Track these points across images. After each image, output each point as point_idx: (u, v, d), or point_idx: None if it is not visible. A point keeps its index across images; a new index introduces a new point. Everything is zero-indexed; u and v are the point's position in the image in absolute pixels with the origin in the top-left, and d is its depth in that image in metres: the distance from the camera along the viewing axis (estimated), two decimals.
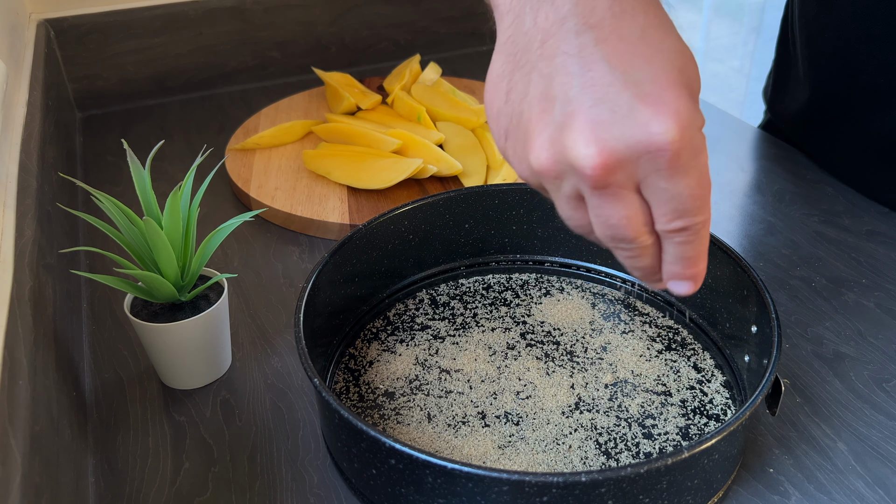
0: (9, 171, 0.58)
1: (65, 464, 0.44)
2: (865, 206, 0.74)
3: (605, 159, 0.34)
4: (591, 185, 0.35)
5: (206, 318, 0.52)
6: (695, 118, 0.34)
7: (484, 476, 0.38)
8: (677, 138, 0.33)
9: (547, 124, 0.35)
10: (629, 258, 0.39)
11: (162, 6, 0.94)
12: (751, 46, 2.35)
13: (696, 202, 0.35)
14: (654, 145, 0.33)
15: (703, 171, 0.35)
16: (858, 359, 0.57)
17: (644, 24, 0.35)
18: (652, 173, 0.34)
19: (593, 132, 0.34)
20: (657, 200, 0.36)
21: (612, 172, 0.34)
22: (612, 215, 0.36)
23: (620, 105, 0.34)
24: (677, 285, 0.40)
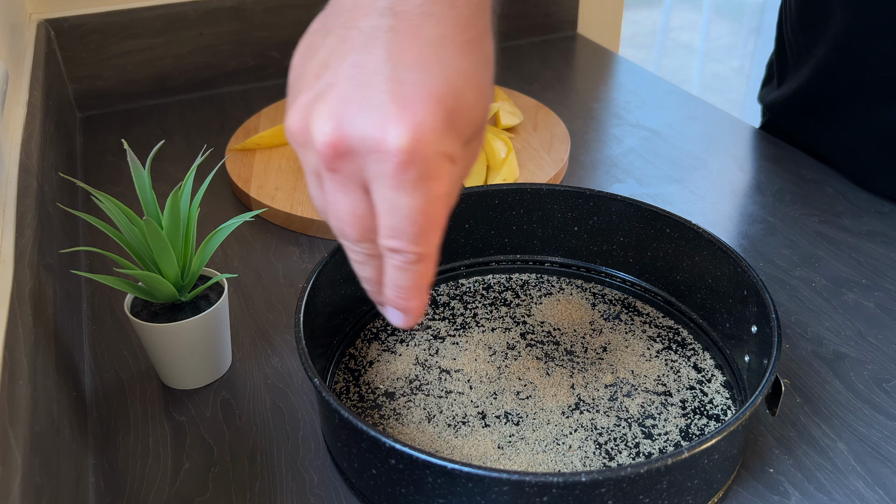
0: (9, 171, 0.58)
1: (65, 464, 0.44)
2: (865, 206, 0.74)
3: (335, 140, 0.33)
4: (323, 162, 0.34)
5: (207, 318, 0.52)
6: (439, 140, 0.33)
7: (484, 476, 0.38)
8: (407, 149, 0.32)
9: (311, 90, 0.35)
10: (356, 263, 0.38)
11: (162, 6, 0.94)
12: (751, 46, 2.35)
13: (416, 228, 0.34)
14: (383, 146, 0.33)
15: (433, 201, 0.34)
16: (858, 359, 0.57)
17: (444, 35, 0.34)
18: (379, 177, 0.34)
19: (337, 111, 0.33)
20: (380, 210, 0.35)
21: (341, 157, 0.34)
22: (339, 207, 0.36)
23: (374, 96, 0.33)
24: (392, 314, 0.39)
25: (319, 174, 0.36)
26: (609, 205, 0.60)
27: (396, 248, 0.36)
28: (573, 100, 0.98)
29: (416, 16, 0.34)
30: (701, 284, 0.56)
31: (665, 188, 0.78)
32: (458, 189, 0.37)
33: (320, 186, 0.36)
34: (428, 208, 0.34)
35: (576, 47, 1.15)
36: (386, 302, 0.39)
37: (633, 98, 0.98)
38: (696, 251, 0.56)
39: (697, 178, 0.80)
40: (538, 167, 0.78)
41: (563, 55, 1.12)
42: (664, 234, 0.58)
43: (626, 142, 0.87)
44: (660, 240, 0.58)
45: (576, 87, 1.01)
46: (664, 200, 0.76)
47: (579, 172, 0.81)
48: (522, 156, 0.80)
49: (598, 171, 0.82)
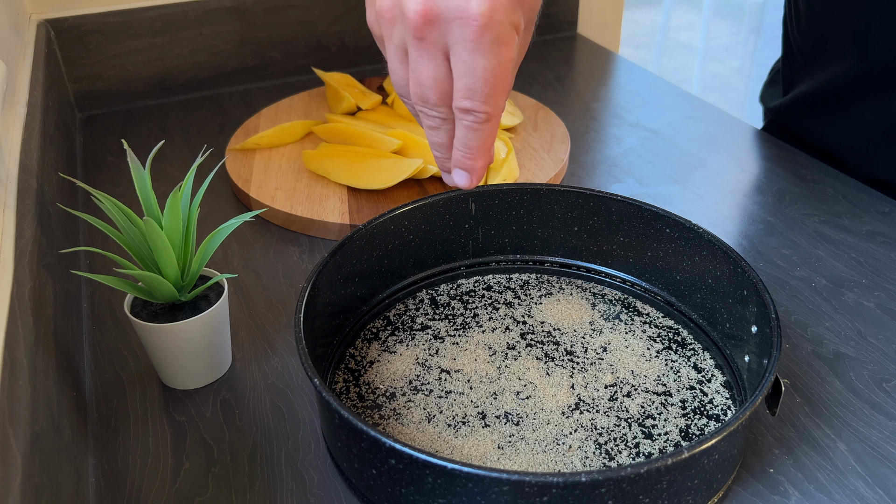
0: (9, 171, 0.58)
1: (65, 464, 0.44)
2: (865, 206, 0.74)
3: (426, 8, 0.40)
4: (412, 32, 0.41)
5: (207, 318, 0.52)
6: (510, 11, 0.40)
7: (484, 476, 0.38)
8: (486, 14, 0.39)
9: None
10: (431, 129, 0.45)
11: (162, 6, 0.94)
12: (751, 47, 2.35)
13: (487, 88, 0.41)
14: (466, 13, 0.39)
15: (502, 63, 0.41)
16: (858, 359, 0.57)
17: None
18: (459, 41, 0.40)
19: None
20: (457, 73, 0.41)
21: (430, 24, 0.40)
22: (423, 72, 0.42)
23: None
24: (458, 175, 0.46)
25: (405, 46, 0.42)
26: (609, 205, 0.60)
27: (469, 108, 0.42)
28: (573, 100, 0.98)
29: None
30: (701, 284, 0.56)
31: (665, 188, 0.78)
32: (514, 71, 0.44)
33: (404, 60, 0.43)
34: (498, 69, 0.41)
35: (576, 47, 1.15)
36: (454, 163, 0.46)
37: (633, 98, 0.98)
38: (696, 251, 0.56)
39: (697, 178, 0.80)
40: (538, 167, 0.78)
41: (563, 55, 1.12)
42: (664, 234, 0.58)
43: (626, 142, 0.87)
44: (660, 240, 0.58)
45: (576, 87, 1.02)
46: (664, 200, 0.76)
47: (579, 172, 0.81)
48: (522, 156, 0.80)
49: (598, 171, 0.82)
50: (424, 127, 0.45)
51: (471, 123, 0.43)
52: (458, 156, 0.45)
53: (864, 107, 0.74)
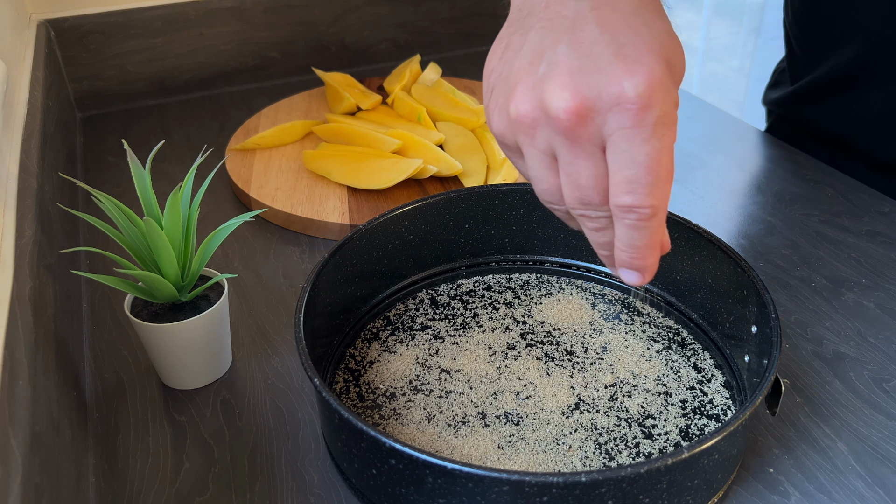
0: (9, 171, 0.58)
1: (65, 464, 0.44)
2: (865, 206, 0.74)
3: (577, 104, 0.36)
4: (563, 133, 0.37)
5: (207, 318, 0.52)
6: (668, 86, 0.36)
7: (484, 476, 0.38)
8: (645, 94, 0.35)
9: (531, 75, 0.37)
10: (595, 230, 0.40)
11: (162, 6, 0.94)
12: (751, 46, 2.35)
13: (651, 177, 0.36)
14: (623, 97, 0.35)
15: (666, 147, 0.36)
16: (858, 359, 0.57)
17: (639, 4, 0.38)
18: (617, 131, 0.36)
19: (571, 80, 0.36)
20: (615, 166, 0.37)
21: (584, 120, 0.36)
22: (581, 173, 0.38)
23: (601, 60, 0.36)
24: (627, 274, 0.41)
25: (552, 151, 0.38)
26: None
27: (631, 205, 0.37)
28: None
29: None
30: (701, 284, 0.56)
31: None
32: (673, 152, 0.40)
33: (552, 167, 0.39)
34: (663, 154, 0.36)
35: None
36: (619, 263, 0.40)
37: None
38: (696, 251, 0.56)
39: (697, 178, 0.80)
40: None
41: None
42: None
43: None
44: None
45: None
46: None
47: None
48: None
49: None
50: (587, 231, 0.41)
51: (634, 221, 0.38)
52: (623, 257, 0.40)
53: (871, 90, 0.74)
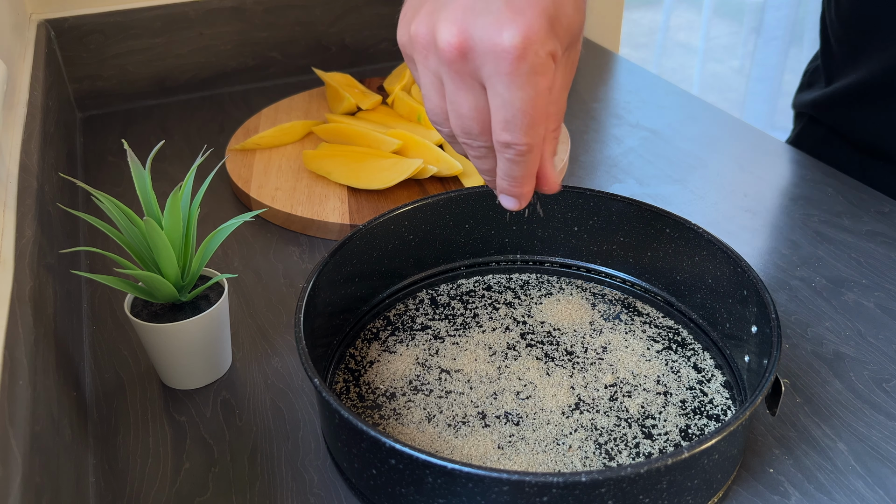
0: (9, 171, 0.58)
1: (65, 464, 0.44)
2: (865, 206, 0.74)
3: (460, 41, 0.39)
4: (446, 64, 0.40)
5: (207, 318, 0.52)
6: (544, 40, 0.39)
7: (484, 476, 0.38)
8: (519, 47, 0.38)
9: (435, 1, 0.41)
10: (477, 158, 0.44)
11: (162, 6, 0.94)
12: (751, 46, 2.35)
13: (526, 120, 0.40)
14: (499, 46, 0.38)
15: (539, 93, 0.40)
16: (858, 359, 0.57)
17: None
18: (494, 75, 0.39)
19: (462, 17, 0.39)
20: (494, 106, 0.40)
21: (463, 57, 0.39)
22: (462, 103, 0.41)
23: (492, 3, 0.39)
24: (505, 199, 0.45)
25: (440, 77, 0.41)
26: (609, 205, 0.60)
27: (509, 142, 0.41)
28: (573, 100, 0.98)
29: None
30: (701, 284, 0.56)
31: (665, 188, 0.78)
32: (562, 98, 0.43)
33: (440, 91, 0.42)
34: (536, 100, 0.40)
35: None
36: (500, 190, 0.45)
37: (633, 98, 0.98)
38: (696, 251, 0.56)
39: (697, 178, 0.80)
40: None
41: None
42: (664, 234, 0.58)
43: (626, 142, 0.87)
44: (660, 240, 0.58)
45: (576, 87, 1.01)
46: (664, 200, 0.76)
47: (579, 172, 0.81)
48: None
49: (598, 171, 0.82)
50: (469, 156, 0.45)
51: (512, 156, 0.42)
52: (502, 185, 0.44)
53: None
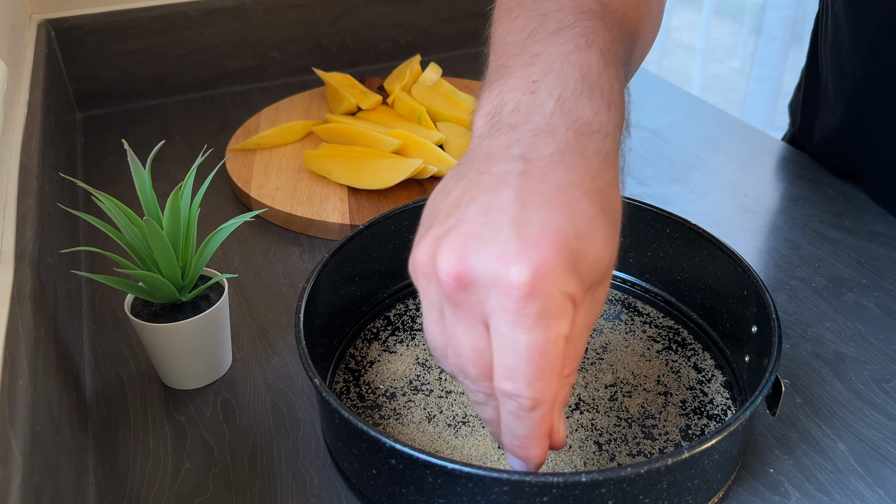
0: (9, 171, 0.58)
1: (65, 464, 0.44)
2: (865, 207, 0.74)
3: (459, 272, 0.34)
4: (445, 294, 0.35)
5: (207, 318, 0.52)
6: (562, 279, 0.33)
7: (484, 476, 0.38)
8: (529, 283, 0.32)
9: (442, 226, 0.36)
10: (477, 404, 0.38)
11: (162, 6, 0.94)
12: (751, 47, 2.35)
13: (532, 369, 0.34)
14: (505, 280, 0.33)
15: (552, 340, 0.33)
16: (859, 359, 0.57)
17: (573, 181, 0.35)
18: (498, 311, 0.33)
19: (464, 245, 0.34)
20: (497, 347, 0.34)
21: (464, 288, 0.34)
22: (461, 341, 0.35)
23: (501, 232, 0.34)
24: (513, 460, 0.38)
25: (441, 308, 0.36)
26: None
27: (511, 392, 0.34)
28: None
29: (546, 163, 0.35)
30: (701, 284, 0.56)
31: (665, 188, 0.78)
32: (582, 341, 0.37)
33: (440, 321, 0.36)
34: (546, 347, 0.33)
35: None
36: (505, 447, 0.38)
37: (633, 98, 0.98)
38: (696, 251, 0.56)
39: (697, 178, 0.80)
40: None
41: None
42: (664, 235, 0.58)
43: (626, 142, 0.87)
44: (660, 240, 0.58)
45: None
46: (664, 200, 0.76)
47: None
48: None
49: None
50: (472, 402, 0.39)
51: (514, 409, 0.35)
52: (506, 441, 0.37)
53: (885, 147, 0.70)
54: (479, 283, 0.34)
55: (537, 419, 0.35)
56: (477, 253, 0.34)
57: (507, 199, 0.34)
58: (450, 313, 0.35)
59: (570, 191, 0.35)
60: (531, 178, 0.35)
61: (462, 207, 0.35)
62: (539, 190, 0.35)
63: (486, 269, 0.33)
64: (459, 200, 0.36)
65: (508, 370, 0.34)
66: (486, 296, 0.34)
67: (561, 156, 0.36)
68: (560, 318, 0.33)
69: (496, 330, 0.34)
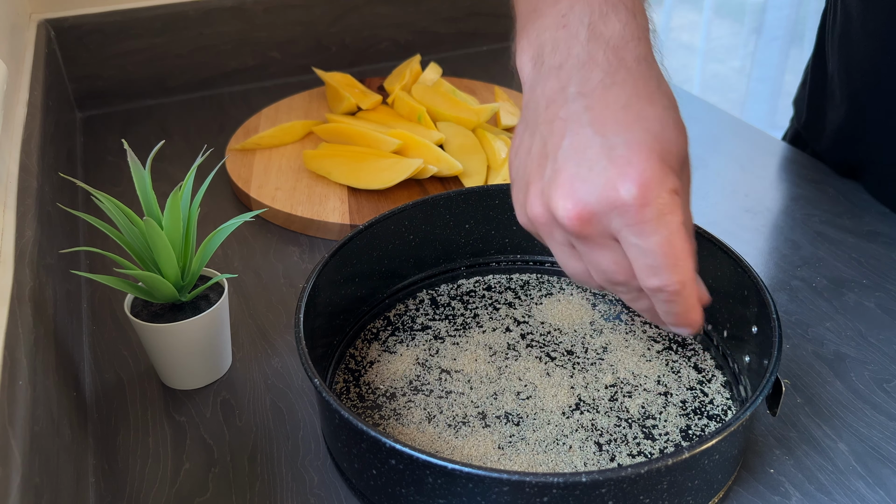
0: (9, 171, 0.58)
1: (65, 464, 0.44)
2: (866, 207, 0.74)
3: (579, 211, 0.39)
4: (573, 234, 0.40)
5: (207, 318, 0.52)
6: (662, 178, 0.38)
7: (484, 476, 0.38)
8: (640, 195, 0.38)
9: (540, 178, 0.41)
10: (631, 301, 0.44)
11: (162, 6, 0.94)
12: (751, 47, 2.34)
13: (668, 260, 0.39)
14: (619, 201, 0.38)
15: (674, 232, 0.39)
16: (859, 359, 0.57)
17: (630, 95, 0.40)
18: (623, 228, 0.39)
19: (571, 187, 0.39)
20: (633, 256, 0.40)
21: (588, 224, 0.39)
22: (601, 261, 0.41)
23: (596, 165, 0.39)
24: (678, 329, 0.44)
25: (571, 244, 0.42)
26: None
27: (658, 286, 0.40)
28: None
29: (601, 90, 0.40)
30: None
31: None
32: (690, 213, 0.42)
33: (574, 255, 0.42)
34: (672, 238, 0.39)
35: None
36: (670, 325, 0.44)
37: None
38: (697, 251, 0.56)
39: (698, 178, 0.80)
40: None
41: None
42: None
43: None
44: None
45: None
46: None
47: None
48: None
49: None
50: (626, 301, 0.45)
51: (667, 297, 0.41)
52: (669, 320, 0.43)
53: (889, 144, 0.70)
54: (599, 213, 0.39)
55: (687, 295, 0.41)
56: (586, 190, 0.38)
57: (587, 136, 0.39)
58: (582, 246, 0.41)
59: (632, 104, 0.40)
60: (596, 110, 0.40)
61: (551, 158, 0.40)
62: (608, 116, 0.39)
63: (599, 200, 0.38)
64: (545, 152, 0.41)
65: (649, 269, 0.39)
66: (609, 220, 0.39)
67: (611, 77, 0.40)
68: (673, 211, 0.39)
69: (627, 242, 0.39)
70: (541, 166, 0.41)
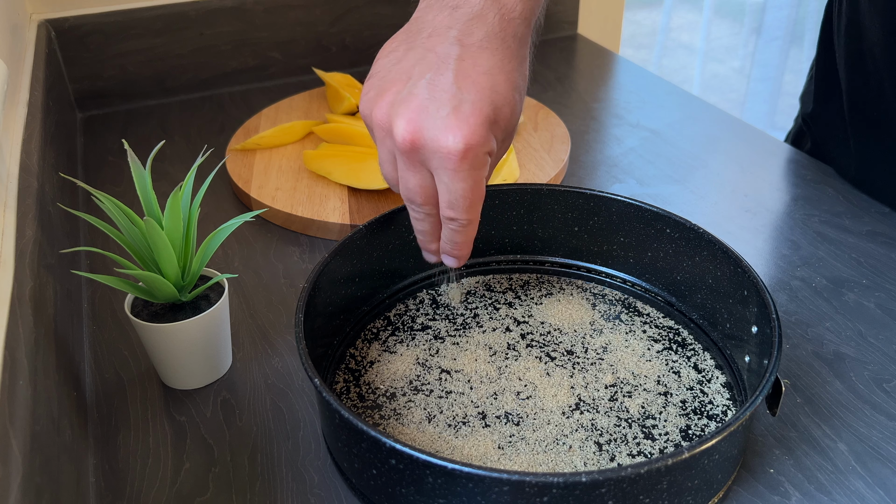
0: (10, 171, 0.58)
1: (65, 464, 0.44)
2: (866, 207, 0.74)
3: (412, 138, 0.46)
4: (399, 150, 0.47)
5: (207, 318, 0.52)
6: (484, 143, 0.46)
7: (484, 476, 0.38)
8: (462, 151, 0.45)
9: (396, 92, 0.47)
10: (415, 220, 0.51)
11: (162, 6, 0.94)
12: (751, 47, 2.34)
13: (466, 203, 0.48)
14: (445, 148, 0.45)
15: (478, 182, 0.47)
16: (859, 359, 0.57)
17: (494, 65, 0.47)
18: (440, 168, 0.46)
19: (416, 115, 0.46)
20: (440, 190, 0.48)
21: (414, 150, 0.46)
22: (410, 179, 0.48)
23: (442, 108, 0.45)
24: (447, 258, 0.53)
25: (394, 155, 0.48)
26: (609, 205, 0.59)
27: (453, 217, 0.49)
28: (573, 100, 0.98)
29: (476, 48, 0.47)
30: (701, 285, 0.56)
31: (665, 188, 0.78)
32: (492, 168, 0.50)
33: (393, 163, 0.49)
34: (474, 188, 0.47)
35: (576, 47, 1.15)
36: (443, 251, 0.53)
37: (633, 98, 0.98)
38: (697, 251, 0.56)
39: (697, 178, 0.80)
40: (538, 167, 0.78)
41: (564, 55, 1.12)
42: (664, 234, 0.58)
43: (626, 142, 0.87)
44: (660, 240, 0.58)
45: (576, 88, 1.02)
46: (664, 200, 0.76)
47: (579, 172, 0.81)
48: (523, 156, 0.80)
49: (599, 171, 0.82)
50: (411, 217, 0.52)
51: (456, 227, 0.50)
52: (446, 247, 0.52)
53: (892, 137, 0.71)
54: (427, 147, 0.46)
55: (469, 231, 0.50)
56: (424, 125, 0.45)
57: (447, 81, 0.46)
58: (401, 162, 0.48)
59: (493, 73, 0.47)
60: (464, 63, 0.46)
61: (412, 81, 0.47)
62: (470, 73, 0.46)
63: (432, 137, 0.45)
64: (410, 73, 0.47)
65: (451, 203, 0.48)
66: (432, 156, 0.46)
67: (488, 41, 0.47)
68: (482, 168, 0.47)
69: (439, 179, 0.47)
70: (401, 81, 0.47)
